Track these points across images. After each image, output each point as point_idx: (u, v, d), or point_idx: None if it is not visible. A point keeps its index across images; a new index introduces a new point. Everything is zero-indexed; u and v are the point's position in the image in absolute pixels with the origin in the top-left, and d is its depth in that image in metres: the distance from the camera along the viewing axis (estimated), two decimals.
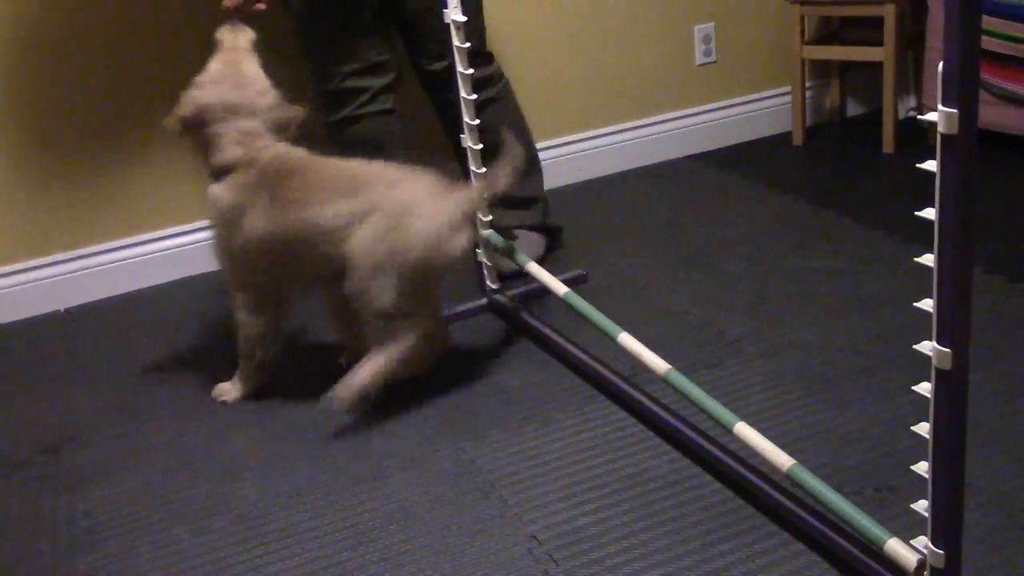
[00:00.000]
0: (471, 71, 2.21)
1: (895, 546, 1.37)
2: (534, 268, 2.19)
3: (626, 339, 1.89)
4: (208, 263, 2.85)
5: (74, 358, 2.47)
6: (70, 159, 2.71)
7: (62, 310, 2.76)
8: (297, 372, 2.26)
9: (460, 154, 2.63)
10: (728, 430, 1.62)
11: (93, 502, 1.88)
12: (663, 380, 1.78)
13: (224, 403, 2.16)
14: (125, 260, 2.81)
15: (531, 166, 2.65)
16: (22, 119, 2.64)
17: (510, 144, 2.12)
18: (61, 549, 1.76)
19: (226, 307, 2.62)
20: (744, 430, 1.60)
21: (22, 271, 2.73)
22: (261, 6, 2.16)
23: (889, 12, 3.04)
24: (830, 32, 3.41)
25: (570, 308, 2.04)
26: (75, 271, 2.77)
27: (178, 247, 2.85)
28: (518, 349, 2.25)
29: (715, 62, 3.34)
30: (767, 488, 1.63)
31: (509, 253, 2.27)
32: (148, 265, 2.83)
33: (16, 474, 2.00)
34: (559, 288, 2.09)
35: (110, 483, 1.94)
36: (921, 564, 1.33)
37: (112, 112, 2.71)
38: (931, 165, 1.13)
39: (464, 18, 2.15)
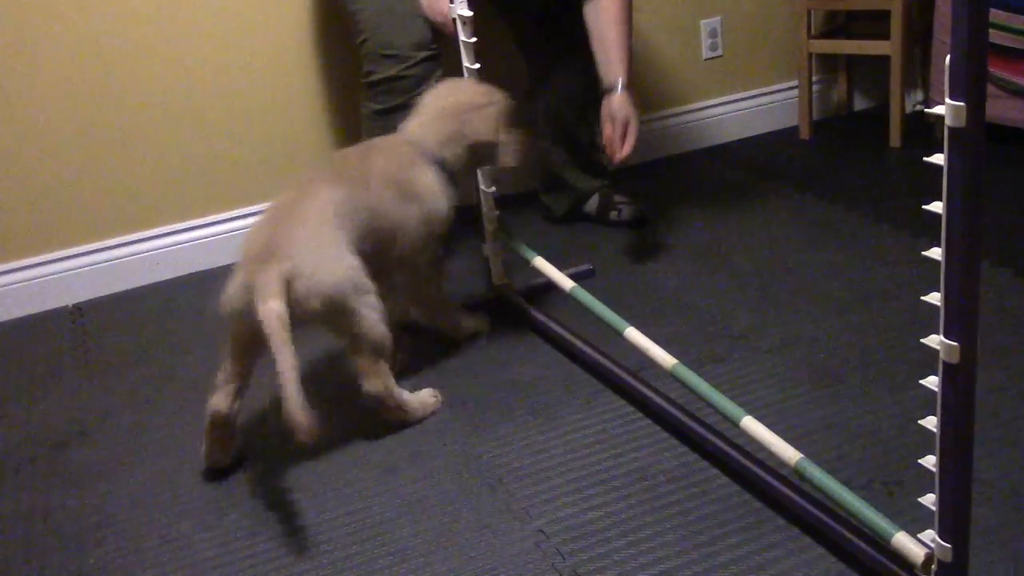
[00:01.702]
0: (475, 65, 2.21)
1: (903, 540, 1.37)
2: (541, 263, 2.19)
3: (633, 334, 1.89)
4: (216, 258, 2.86)
5: (82, 353, 2.47)
6: (78, 153, 2.71)
7: (70, 305, 2.77)
8: (306, 369, 2.26)
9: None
10: (735, 424, 1.62)
11: (101, 497, 1.89)
12: (670, 374, 1.78)
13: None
14: (133, 255, 2.82)
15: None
16: (29, 114, 2.64)
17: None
18: (70, 544, 1.77)
19: None
20: (751, 424, 1.60)
21: (30, 266, 2.74)
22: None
23: (896, 6, 3.03)
24: (837, 26, 3.40)
25: (577, 303, 2.04)
26: (83, 266, 2.78)
27: (186, 242, 2.85)
28: (525, 343, 2.25)
29: (721, 56, 3.34)
30: (775, 482, 1.63)
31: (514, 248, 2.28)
32: (156, 260, 2.83)
33: (25, 469, 2.01)
34: (566, 283, 2.09)
35: (118, 478, 1.94)
36: (929, 558, 1.33)
37: (121, 106, 2.72)
38: (939, 159, 1.13)
39: (470, 12, 2.15)
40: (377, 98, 2.43)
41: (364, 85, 2.47)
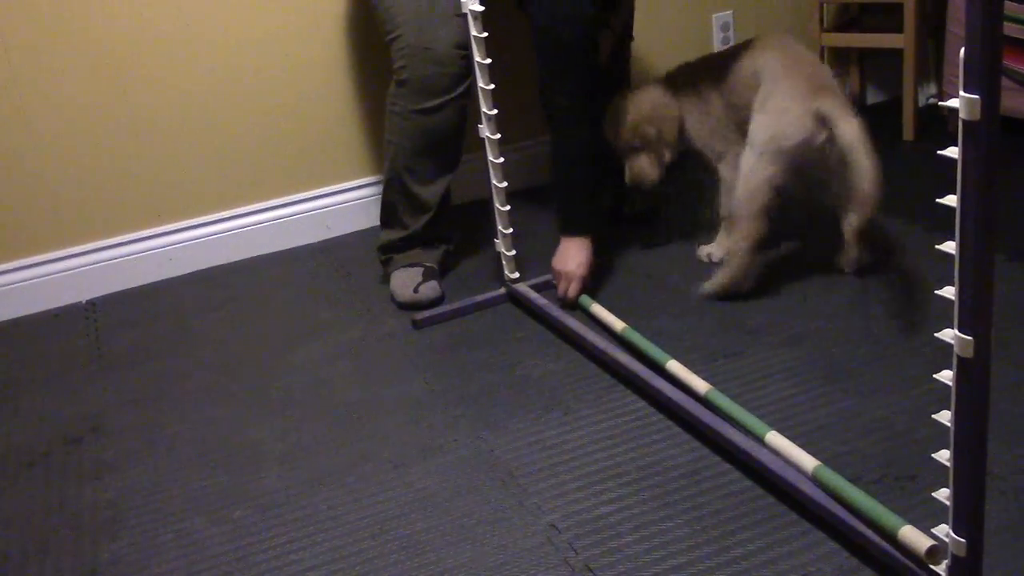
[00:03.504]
0: (487, 60, 2.20)
1: (909, 533, 1.39)
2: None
3: (674, 366, 1.95)
4: (229, 254, 2.87)
5: (96, 349, 2.48)
6: (92, 149, 2.72)
7: (84, 301, 2.78)
8: (319, 362, 2.27)
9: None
10: (760, 440, 1.68)
11: (115, 492, 1.90)
12: (704, 399, 1.84)
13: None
14: (147, 251, 2.83)
15: None
16: (43, 111, 2.65)
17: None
18: (84, 538, 1.78)
19: (247, 297, 2.63)
20: (775, 439, 1.66)
21: (44, 263, 2.75)
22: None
23: None
24: (849, 19, 3.39)
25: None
26: (97, 262, 2.79)
27: (200, 238, 2.86)
28: (537, 338, 2.25)
29: None
30: (787, 477, 1.63)
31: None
32: (169, 256, 2.84)
33: (39, 464, 2.02)
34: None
35: (132, 473, 1.95)
36: (933, 549, 1.34)
37: (135, 102, 2.72)
38: (953, 152, 1.12)
39: (482, 8, 2.15)
40: (412, 97, 2.33)
41: (396, 83, 2.36)
